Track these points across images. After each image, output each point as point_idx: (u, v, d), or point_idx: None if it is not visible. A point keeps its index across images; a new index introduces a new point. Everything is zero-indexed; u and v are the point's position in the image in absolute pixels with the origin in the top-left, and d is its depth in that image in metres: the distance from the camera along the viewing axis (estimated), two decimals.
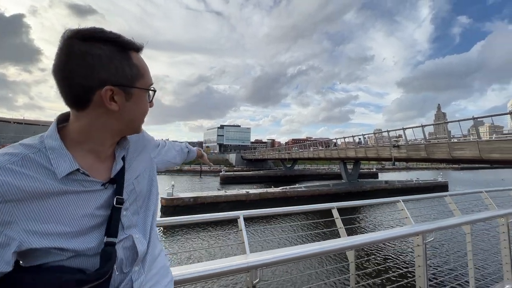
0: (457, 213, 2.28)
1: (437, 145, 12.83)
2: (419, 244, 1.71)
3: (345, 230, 1.72)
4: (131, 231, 0.66)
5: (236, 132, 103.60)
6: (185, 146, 1.18)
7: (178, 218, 1.61)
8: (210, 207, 17.31)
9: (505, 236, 2.26)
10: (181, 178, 42.05)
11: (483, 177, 47.31)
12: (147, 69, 0.66)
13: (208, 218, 1.50)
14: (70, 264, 0.54)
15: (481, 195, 2.75)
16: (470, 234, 2.02)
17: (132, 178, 0.70)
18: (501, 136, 11.12)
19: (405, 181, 27.81)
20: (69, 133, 0.59)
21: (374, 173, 45.85)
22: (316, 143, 30.73)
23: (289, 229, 11.57)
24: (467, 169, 65.04)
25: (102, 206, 0.60)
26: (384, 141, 18.25)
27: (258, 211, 1.64)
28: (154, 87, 0.68)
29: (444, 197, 2.52)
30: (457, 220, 1.75)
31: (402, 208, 1.98)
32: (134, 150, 0.75)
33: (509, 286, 2.22)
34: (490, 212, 2.03)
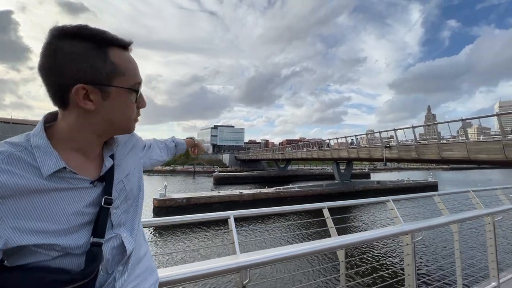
0: (445, 212, 2.33)
1: (427, 146, 13.08)
2: (408, 243, 1.73)
3: (335, 229, 1.73)
4: (120, 230, 0.66)
5: (230, 132, 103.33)
6: (171, 141, 1.17)
7: (167, 219, 1.58)
8: (203, 208, 17.20)
9: (491, 235, 2.32)
10: (174, 178, 41.69)
11: (471, 177, 48.51)
12: (132, 67, 0.63)
13: (198, 219, 1.48)
14: (55, 264, 0.54)
15: (469, 195, 2.81)
16: (457, 232, 2.06)
17: (122, 177, 0.70)
18: (488, 137, 11.43)
19: (396, 181, 28.29)
20: (57, 131, 0.60)
21: (366, 174, 46.43)
22: (309, 143, 30.93)
23: (280, 229, 11.57)
24: (456, 169, 66.59)
25: (91, 204, 0.60)
26: (376, 142, 18.53)
27: (248, 211, 1.63)
28: (140, 86, 0.66)
29: (432, 197, 2.57)
30: (445, 219, 1.79)
31: (392, 208, 2.01)
32: (124, 149, 0.75)
33: (495, 283, 2.28)
34: (477, 211, 2.07)
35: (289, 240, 9.89)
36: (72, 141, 0.61)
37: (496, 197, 3.00)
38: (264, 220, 12.56)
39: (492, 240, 2.31)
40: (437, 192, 2.60)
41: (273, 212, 1.69)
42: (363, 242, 1.39)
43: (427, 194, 2.68)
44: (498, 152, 9.29)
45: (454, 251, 2.06)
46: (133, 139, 0.82)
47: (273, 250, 1.17)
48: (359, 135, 22.69)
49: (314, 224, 11.14)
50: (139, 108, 0.68)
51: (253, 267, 1.10)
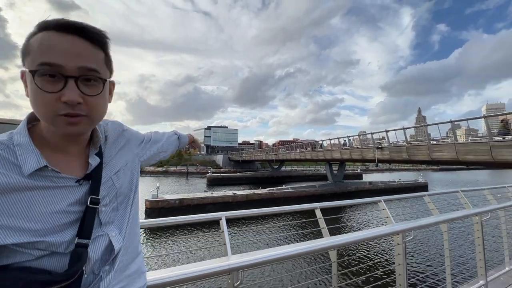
0: (435, 212, 2.37)
1: (417, 147, 13.32)
2: (399, 242, 1.75)
3: (327, 230, 1.74)
4: (108, 228, 0.64)
5: (223, 133, 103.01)
6: (174, 133, 1.14)
7: (159, 220, 1.55)
8: (196, 209, 17.07)
9: (479, 234, 2.37)
10: (167, 179, 41.27)
11: (460, 177, 49.76)
12: (43, 45, 0.53)
13: (189, 220, 1.46)
14: (38, 264, 0.52)
15: (458, 195, 2.87)
16: (447, 232, 2.10)
17: (111, 174, 0.68)
18: (476, 139, 11.72)
19: (388, 182, 28.73)
20: (40, 130, 0.59)
21: (358, 174, 46.98)
22: (303, 144, 31.10)
23: (273, 230, 11.55)
24: (445, 170, 68.11)
25: (76, 203, 0.59)
26: (368, 143, 18.75)
27: (240, 212, 1.61)
28: (58, 69, 0.52)
29: (423, 197, 2.61)
30: (434, 219, 1.81)
31: (383, 208, 2.03)
32: (114, 146, 0.74)
33: (483, 282, 2.32)
34: (466, 211, 2.11)
35: (281, 240, 9.87)
36: (51, 139, 0.59)
37: (484, 197, 3.07)
38: (257, 221, 12.52)
39: (480, 239, 2.36)
40: (427, 192, 2.65)
41: (265, 213, 1.69)
42: (355, 242, 1.39)
43: (417, 195, 2.72)
44: (486, 153, 9.53)
45: (444, 250, 2.10)
46: (125, 135, 0.80)
47: (265, 251, 1.16)
48: (351, 136, 23.01)
49: (306, 225, 11.03)
50: (63, 100, 0.53)
51: (245, 269, 1.09)
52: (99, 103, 0.59)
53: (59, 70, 0.53)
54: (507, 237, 2.70)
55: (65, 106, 0.53)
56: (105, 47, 0.61)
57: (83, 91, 0.56)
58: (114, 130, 0.76)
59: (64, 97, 0.53)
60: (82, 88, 0.56)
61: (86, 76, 0.56)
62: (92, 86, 0.58)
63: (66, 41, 0.54)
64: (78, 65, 0.54)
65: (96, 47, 0.58)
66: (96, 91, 0.58)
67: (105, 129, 0.73)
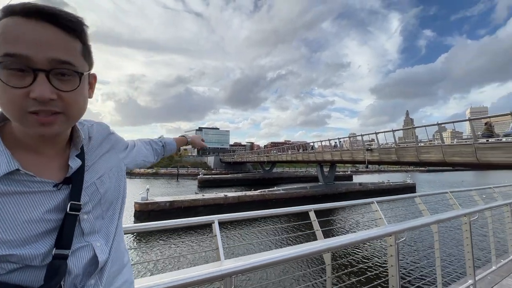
0: (426, 213, 2.40)
1: (406, 149, 13.61)
2: (391, 244, 1.75)
3: (321, 232, 1.72)
4: (92, 238, 0.58)
5: (215, 134, 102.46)
6: (159, 141, 1.07)
7: (149, 224, 1.49)
8: (187, 212, 16.85)
9: (468, 234, 2.41)
10: (157, 181, 40.63)
11: (446, 178, 51.34)
12: (9, 32, 0.46)
13: (181, 224, 1.40)
14: (10, 279, 0.47)
15: (447, 196, 2.93)
16: (437, 233, 2.13)
17: (94, 178, 0.62)
18: (461, 141, 12.09)
19: (377, 183, 29.25)
20: (12, 130, 0.53)
21: (349, 176, 47.64)
22: (294, 146, 31.28)
23: (267, 233, 11.34)
24: (432, 171, 70.06)
25: (54, 210, 0.52)
26: (358, 144, 19.04)
27: (233, 215, 1.57)
28: (22, 62, 0.46)
29: (414, 198, 2.65)
30: (425, 220, 1.83)
31: (376, 209, 2.03)
32: (99, 148, 0.68)
33: (471, 281, 2.36)
34: (455, 212, 2.15)
35: (275, 243, 9.81)
36: (24, 139, 0.54)
37: (471, 198, 3.15)
38: (250, 223, 12.37)
39: (468, 239, 2.40)
40: (418, 193, 2.69)
41: (259, 216, 1.65)
42: (350, 244, 1.38)
43: (409, 196, 2.75)
44: (471, 155, 9.83)
45: (435, 250, 2.13)
46: (111, 139, 0.75)
47: (259, 255, 1.13)
48: (342, 138, 23.37)
49: (300, 227, 11.10)
50: (32, 97, 0.47)
51: (238, 274, 1.05)
52: (76, 99, 0.53)
53: (26, 63, 0.46)
54: (494, 237, 2.77)
55: (35, 103, 0.47)
56: (82, 36, 0.54)
57: (57, 86, 0.49)
58: (100, 132, 0.71)
59: (33, 93, 0.46)
60: (55, 83, 0.49)
61: (59, 69, 0.49)
62: (67, 80, 0.51)
63: (34, 29, 0.46)
64: (49, 57, 0.48)
65: (71, 36, 0.51)
66: (71, 86, 0.51)
67: (89, 129, 0.68)
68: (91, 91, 0.61)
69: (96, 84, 0.64)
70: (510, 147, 8.64)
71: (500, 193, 3.62)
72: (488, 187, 3.71)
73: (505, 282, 2.49)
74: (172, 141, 1.14)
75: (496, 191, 3.67)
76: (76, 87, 0.52)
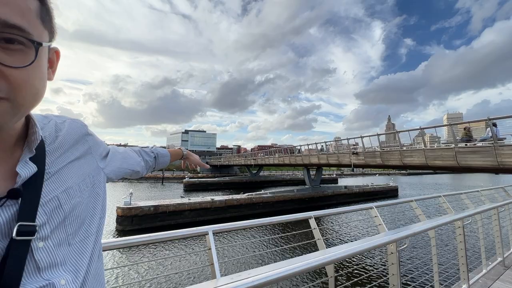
0: (422, 217, 2.38)
1: (390, 152, 13.97)
2: (392, 251, 1.68)
3: (323, 241, 1.62)
4: (53, 275, 0.42)
5: (201, 137, 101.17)
6: (150, 151, 0.89)
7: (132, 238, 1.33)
8: (172, 216, 16.37)
9: (461, 238, 2.40)
10: (141, 185, 39.45)
11: (425, 181, 53.56)
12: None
13: (171, 236, 1.25)
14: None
15: (440, 200, 2.95)
16: (434, 238, 2.10)
17: (58, 191, 0.46)
18: (442, 145, 12.57)
19: (362, 186, 29.93)
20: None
21: (334, 179, 48.49)
22: (281, 149, 31.42)
23: (264, 241, 10.79)
24: (413, 174, 72.78)
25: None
26: (344, 148, 19.38)
27: (229, 225, 1.44)
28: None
29: (410, 202, 2.63)
30: (425, 226, 1.78)
31: (376, 215, 1.97)
32: (68, 152, 0.51)
33: (465, 286, 2.35)
34: (450, 216, 2.13)
35: (274, 254, 9.14)
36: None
37: (462, 201, 3.21)
38: (246, 231, 11.80)
39: (462, 243, 2.40)
40: (414, 197, 2.68)
41: (255, 225, 1.53)
42: (353, 254, 1.28)
43: (405, 200, 2.73)
44: (451, 158, 10.21)
45: (432, 256, 2.09)
46: (88, 141, 0.58)
47: (261, 270, 1.00)
48: (328, 141, 23.74)
49: (300, 235, 10.43)
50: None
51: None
52: (29, 79, 0.37)
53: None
54: (484, 240, 2.81)
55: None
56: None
57: (0, 59, 0.35)
58: (73, 131, 0.54)
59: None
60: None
61: (5, 35, 0.34)
62: (15, 51, 0.36)
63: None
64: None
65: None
66: (23, 60, 0.36)
67: (57, 127, 0.52)
68: (52, 71, 0.45)
69: (57, 63, 0.47)
70: (487, 151, 9.04)
71: (487, 196, 3.72)
72: (476, 191, 3.80)
73: (496, 285, 2.51)
74: (166, 152, 0.97)
75: (484, 194, 3.77)
76: (29, 62, 0.37)
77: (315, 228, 1.66)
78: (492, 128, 8.86)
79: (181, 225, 15.86)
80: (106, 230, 14.14)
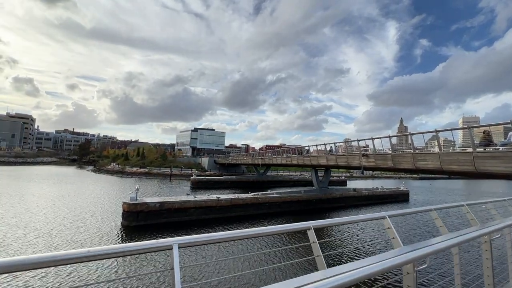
0: (443, 230, 2.07)
1: (402, 155, 13.41)
2: (409, 271, 1.40)
3: (323, 258, 1.34)
4: None
5: (210, 135, 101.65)
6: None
7: (72, 253, 1.09)
8: (177, 213, 16.34)
9: (488, 254, 2.08)
10: (149, 181, 39.90)
11: (438, 185, 51.85)
12: None
13: (130, 250, 1.02)
14: None
15: (463, 209, 2.62)
16: (458, 255, 1.80)
17: None
18: (459, 149, 11.93)
19: (371, 189, 29.15)
20: None
21: (343, 181, 47.58)
22: (289, 149, 31.01)
23: (250, 255, 8.73)
24: (424, 178, 70.60)
25: None
26: (353, 150, 18.83)
27: (197, 237, 1.17)
28: None
29: (429, 212, 2.31)
30: (446, 242, 1.49)
31: (389, 226, 1.69)
32: None
33: None
34: (475, 231, 1.82)
35: (261, 274, 7.38)
36: None
37: (488, 211, 2.86)
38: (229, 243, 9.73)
39: (489, 261, 2.07)
40: (434, 206, 2.36)
41: (232, 238, 1.27)
42: (360, 279, 1.02)
43: (424, 209, 2.42)
44: (469, 163, 9.63)
45: (454, 276, 1.79)
46: None
47: None
48: (338, 142, 23.21)
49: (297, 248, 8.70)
50: None
51: None
52: None
53: None
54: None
55: None
56: None
57: None
58: None
59: None
60: None
61: None
62: None
63: None
64: None
65: None
66: None
67: None
68: None
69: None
70: (509, 156, 8.45)
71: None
72: (503, 200, 3.42)
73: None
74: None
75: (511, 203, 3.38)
76: None
77: (314, 241, 1.38)
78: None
79: (186, 223, 15.79)
80: (112, 225, 14.21)
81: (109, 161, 65.11)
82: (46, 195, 22.85)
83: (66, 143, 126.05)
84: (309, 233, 1.42)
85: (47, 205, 18.52)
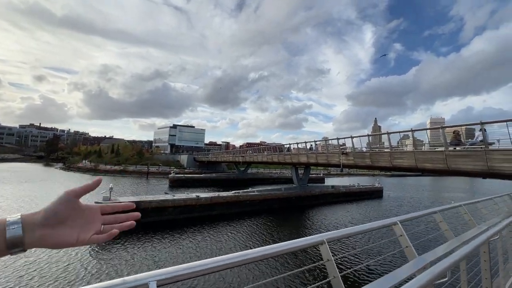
0: (448, 234, 1.98)
1: (380, 153, 13.86)
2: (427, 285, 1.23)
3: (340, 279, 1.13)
4: None
5: (190, 132, 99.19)
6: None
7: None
8: (155, 213, 15.61)
9: (486, 256, 2.01)
10: (125, 180, 38.02)
11: (407, 182, 55.16)
12: None
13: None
14: None
15: (460, 210, 2.58)
16: (465, 271, 1.69)
17: None
18: (431, 148, 12.55)
19: (348, 186, 30.10)
20: None
21: (321, 178, 48.75)
22: (270, 147, 31.05)
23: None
24: (396, 176, 74.68)
25: None
26: (333, 148, 19.22)
27: (179, 268, 0.87)
28: None
29: (433, 214, 2.23)
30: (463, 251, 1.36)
31: (401, 234, 1.53)
32: None
33: None
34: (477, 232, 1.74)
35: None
36: None
37: (479, 211, 2.87)
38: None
39: (487, 263, 2.00)
40: (438, 208, 2.27)
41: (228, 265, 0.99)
42: None
43: (429, 212, 2.32)
44: (441, 162, 10.13)
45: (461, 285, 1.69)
46: None
47: None
48: (318, 141, 23.60)
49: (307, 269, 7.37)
50: None
51: None
52: None
53: None
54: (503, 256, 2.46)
55: None
56: None
57: None
58: None
59: None
60: None
61: None
62: None
63: None
64: None
65: None
66: None
67: None
68: None
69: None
70: (478, 155, 8.97)
71: (504, 203, 3.42)
72: (489, 198, 3.48)
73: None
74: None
75: (497, 201, 3.46)
76: None
77: (329, 259, 1.14)
78: (484, 132, 8.78)
79: (164, 223, 15.12)
80: None
81: (81, 158, 61.15)
82: (4, 196, 20.81)
83: (31, 139, 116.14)
84: (322, 248, 1.19)
85: (6, 207, 16.84)
